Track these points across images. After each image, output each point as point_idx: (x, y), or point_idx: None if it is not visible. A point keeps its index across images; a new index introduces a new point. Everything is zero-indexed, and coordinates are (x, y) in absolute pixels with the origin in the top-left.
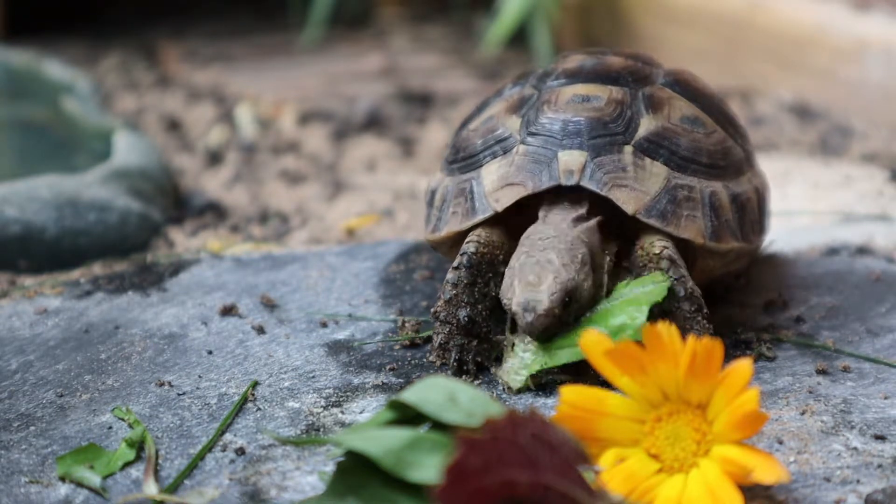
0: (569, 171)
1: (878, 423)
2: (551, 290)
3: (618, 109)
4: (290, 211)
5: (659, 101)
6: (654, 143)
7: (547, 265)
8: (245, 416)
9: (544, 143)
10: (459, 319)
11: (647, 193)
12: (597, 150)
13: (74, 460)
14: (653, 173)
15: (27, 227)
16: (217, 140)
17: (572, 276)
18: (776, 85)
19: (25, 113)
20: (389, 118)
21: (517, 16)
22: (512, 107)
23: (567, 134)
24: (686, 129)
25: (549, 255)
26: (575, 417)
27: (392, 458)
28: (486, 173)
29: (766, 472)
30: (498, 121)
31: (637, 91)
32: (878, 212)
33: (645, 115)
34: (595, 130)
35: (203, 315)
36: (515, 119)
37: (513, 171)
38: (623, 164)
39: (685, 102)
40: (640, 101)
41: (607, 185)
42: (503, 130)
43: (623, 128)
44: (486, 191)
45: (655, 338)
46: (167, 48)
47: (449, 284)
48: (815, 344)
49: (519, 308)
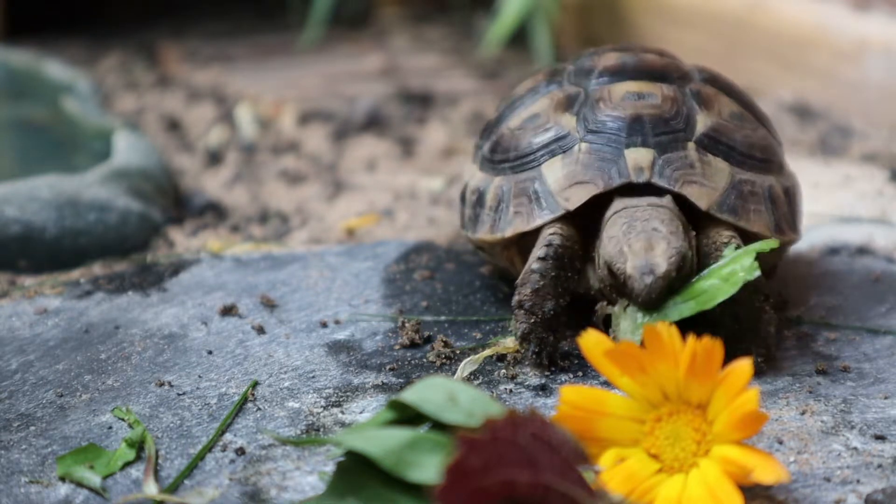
0: (639, 168)
1: (878, 423)
2: (668, 254)
3: (674, 107)
4: (290, 211)
5: (707, 97)
6: (713, 139)
7: (655, 233)
8: (245, 416)
9: (608, 140)
10: (545, 311)
11: (715, 189)
12: (662, 147)
13: (74, 460)
14: (718, 169)
15: (27, 227)
16: (217, 140)
17: (682, 243)
18: (776, 85)
19: (25, 113)
20: (389, 118)
21: (517, 16)
22: (560, 104)
23: (630, 131)
24: (737, 125)
25: (654, 224)
26: (575, 417)
27: (392, 458)
28: (548, 172)
29: (766, 472)
30: (549, 119)
31: (684, 88)
32: (878, 212)
33: (699, 111)
34: (658, 127)
35: (203, 315)
36: (569, 117)
37: (579, 169)
38: (690, 161)
39: (728, 99)
40: (690, 98)
41: (678, 182)
42: (558, 129)
43: (683, 124)
44: (552, 190)
45: (655, 338)
46: (167, 48)
47: (536, 275)
48: (831, 322)
49: (636, 271)
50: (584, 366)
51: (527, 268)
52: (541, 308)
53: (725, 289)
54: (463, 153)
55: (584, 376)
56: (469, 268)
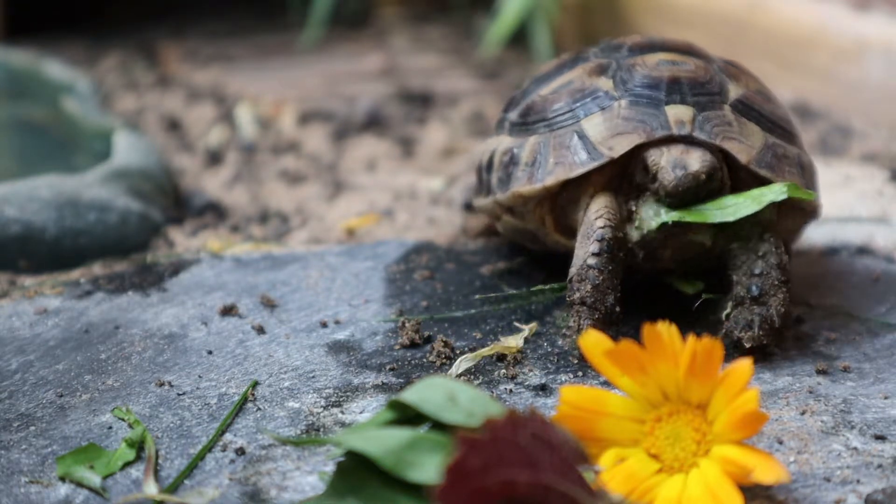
0: (680, 122)
1: (878, 423)
2: (702, 159)
3: (708, 73)
4: (290, 211)
5: (734, 72)
6: (746, 105)
7: (692, 148)
8: (245, 416)
9: (647, 98)
10: (607, 306)
11: (753, 147)
12: (700, 105)
13: (74, 460)
14: (753, 130)
15: (27, 227)
16: (217, 140)
17: (717, 162)
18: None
19: (25, 113)
20: (389, 118)
21: (517, 16)
22: (593, 71)
23: (669, 90)
24: (763, 99)
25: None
26: (575, 417)
27: (392, 458)
28: (588, 126)
29: (766, 472)
30: (583, 82)
31: (712, 63)
32: (878, 212)
33: (729, 81)
34: (695, 88)
35: (203, 315)
36: (605, 80)
37: (620, 122)
38: (728, 120)
39: (752, 78)
40: (719, 71)
41: (718, 137)
42: (595, 89)
43: (718, 89)
44: (594, 141)
45: (655, 338)
46: (167, 48)
47: (594, 270)
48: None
49: (669, 163)
50: (584, 366)
51: (582, 262)
52: (603, 304)
53: (750, 205)
54: (463, 153)
55: (584, 376)
56: (469, 268)
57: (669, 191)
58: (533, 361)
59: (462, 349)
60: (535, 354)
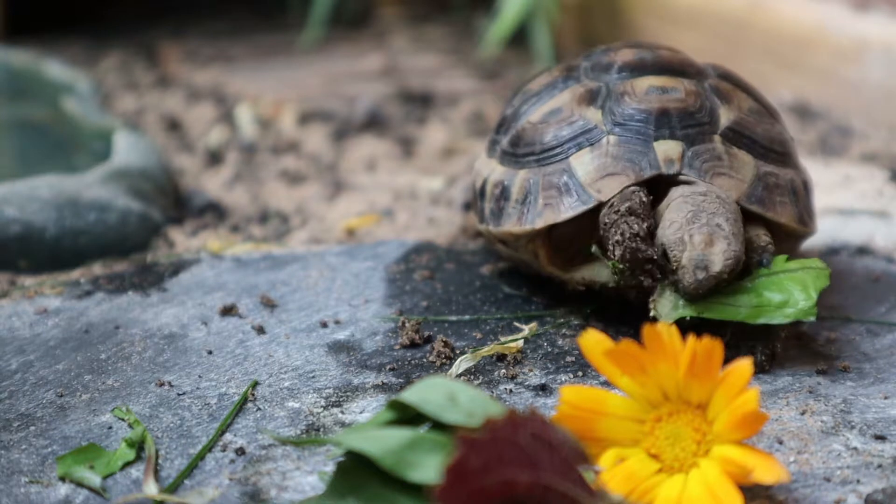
0: (669, 160)
1: (878, 423)
2: (726, 255)
3: (698, 100)
4: (290, 211)
5: (726, 92)
6: (737, 132)
7: (718, 230)
8: (245, 416)
9: (636, 132)
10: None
11: (743, 181)
12: (690, 139)
13: (74, 460)
14: (743, 161)
15: (27, 227)
16: (217, 140)
17: (741, 248)
18: (776, 85)
19: (25, 113)
20: (389, 118)
21: (517, 16)
22: (583, 98)
23: (658, 124)
24: (756, 119)
25: (719, 220)
26: (575, 417)
27: (392, 458)
28: (577, 164)
29: (766, 472)
30: (572, 112)
31: (703, 83)
32: (878, 212)
33: (720, 105)
34: (684, 120)
35: (203, 315)
36: (594, 110)
37: (609, 161)
38: (717, 153)
39: (745, 94)
40: (710, 93)
41: (708, 174)
42: (584, 122)
43: (708, 118)
44: (582, 182)
45: (655, 338)
46: (167, 48)
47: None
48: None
49: (691, 264)
50: (584, 366)
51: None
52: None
53: (774, 315)
54: (463, 153)
55: (584, 376)
56: (469, 268)
57: (689, 291)
58: (533, 361)
59: (462, 349)
60: (535, 354)
